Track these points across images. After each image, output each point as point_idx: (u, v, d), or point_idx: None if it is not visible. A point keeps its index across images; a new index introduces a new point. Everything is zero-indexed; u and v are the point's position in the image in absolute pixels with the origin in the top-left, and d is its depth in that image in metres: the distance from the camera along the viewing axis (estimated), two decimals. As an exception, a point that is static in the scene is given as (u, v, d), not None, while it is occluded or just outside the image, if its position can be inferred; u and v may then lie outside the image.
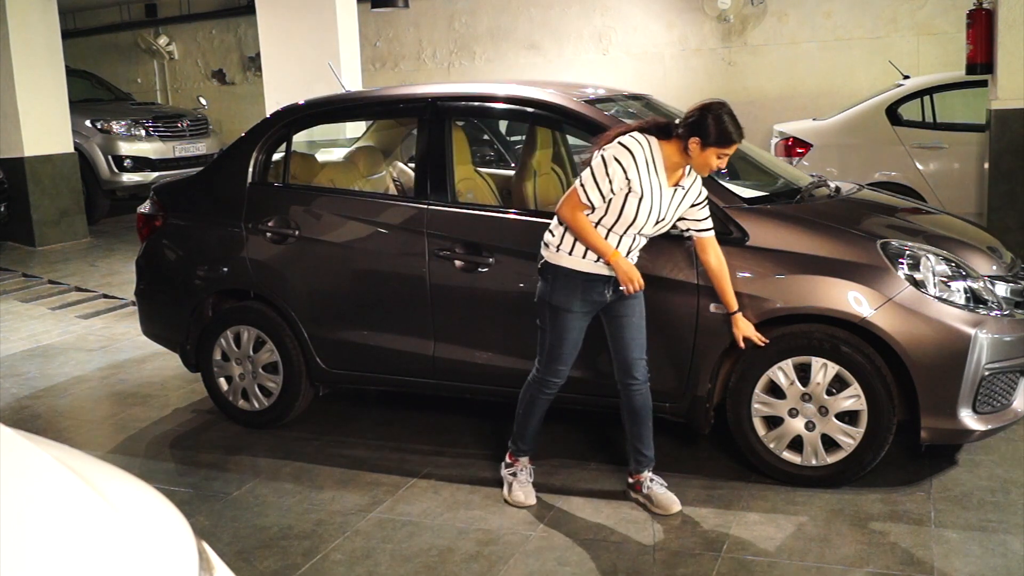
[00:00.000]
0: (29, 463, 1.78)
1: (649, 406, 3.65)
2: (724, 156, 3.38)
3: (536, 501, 3.74)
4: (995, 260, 3.94)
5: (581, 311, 3.53)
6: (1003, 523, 3.45)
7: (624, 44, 12.54)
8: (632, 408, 3.64)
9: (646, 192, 3.38)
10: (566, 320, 3.54)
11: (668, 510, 3.61)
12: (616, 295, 3.53)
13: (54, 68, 10.34)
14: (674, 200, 3.47)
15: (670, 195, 3.45)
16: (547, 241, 3.57)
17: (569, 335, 3.56)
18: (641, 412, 3.64)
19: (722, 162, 3.39)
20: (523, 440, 3.78)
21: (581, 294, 3.50)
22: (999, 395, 3.70)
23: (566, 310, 3.52)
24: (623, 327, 3.58)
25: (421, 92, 4.60)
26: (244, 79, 15.47)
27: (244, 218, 4.64)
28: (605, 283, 3.50)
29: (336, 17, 8.85)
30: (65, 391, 5.56)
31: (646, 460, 3.70)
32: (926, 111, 8.00)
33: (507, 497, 3.76)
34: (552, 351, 3.60)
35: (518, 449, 3.81)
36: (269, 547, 3.52)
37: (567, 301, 3.51)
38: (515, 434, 3.80)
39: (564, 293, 3.51)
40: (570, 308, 3.52)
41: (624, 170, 3.35)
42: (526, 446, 3.79)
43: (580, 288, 3.49)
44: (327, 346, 4.51)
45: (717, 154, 3.36)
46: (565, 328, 3.55)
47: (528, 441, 3.79)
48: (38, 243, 10.25)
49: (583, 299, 3.51)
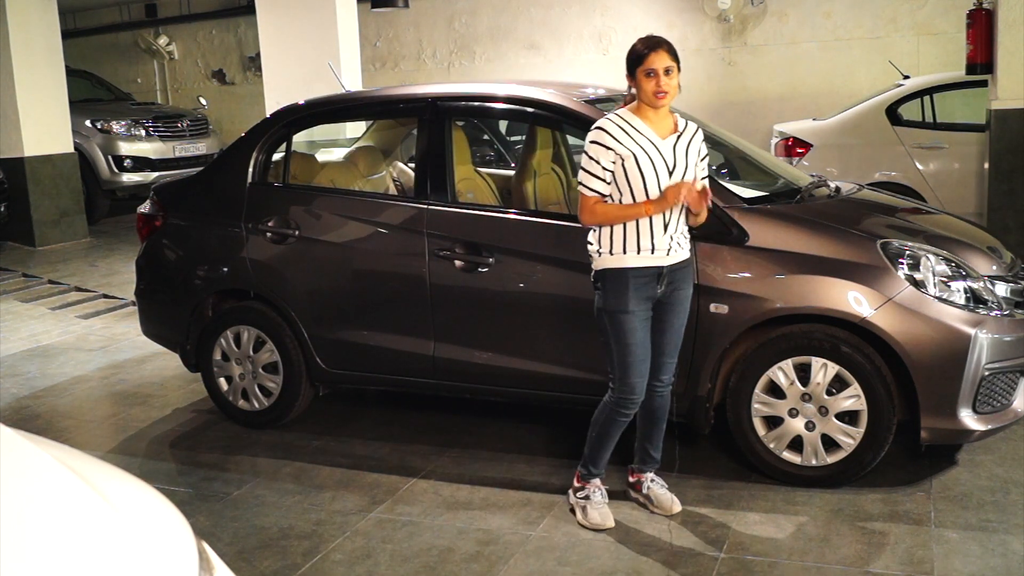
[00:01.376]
0: (29, 463, 1.78)
1: (667, 409, 3.60)
2: (653, 72, 3.30)
3: (614, 523, 3.54)
4: (995, 260, 3.94)
5: (637, 310, 3.38)
6: (1003, 523, 3.45)
7: (624, 44, 12.38)
8: (650, 408, 3.59)
9: (637, 151, 3.32)
10: (625, 323, 3.38)
11: (669, 510, 3.61)
12: (667, 290, 3.42)
13: (54, 68, 10.34)
14: (678, 147, 3.38)
15: (670, 144, 3.37)
16: (589, 252, 3.48)
17: (633, 339, 3.39)
18: (657, 413, 3.60)
19: (655, 80, 3.30)
20: (595, 465, 3.62)
21: (633, 291, 3.37)
22: (999, 395, 3.70)
23: (622, 311, 3.38)
24: (663, 329, 3.47)
25: (421, 92, 4.60)
26: (244, 79, 15.47)
27: (244, 218, 4.64)
28: (654, 276, 3.38)
29: (336, 17, 8.85)
30: (65, 391, 5.56)
31: (651, 461, 3.69)
32: (926, 111, 8.00)
33: (582, 521, 3.56)
34: (621, 363, 3.43)
35: (589, 473, 3.64)
36: (269, 547, 3.52)
37: (620, 302, 3.38)
38: (586, 457, 3.63)
39: (615, 294, 3.40)
40: (625, 308, 3.37)
41: (603, 146, 3.34)
42: (597, 469, 3.64)
43: (630, 285, 3.37)
44: (327, 346, 4.51)
45: (645, 74, 3.32)
46: (626, 332, 3.39)
47: (600, 466, 3.63)
48: (38, 243, 10.26)
49: (636, 296, 3.37)
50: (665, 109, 3.40)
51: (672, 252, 3.39)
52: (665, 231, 3.37)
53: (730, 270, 3.73)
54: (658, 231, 3.36)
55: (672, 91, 3.33)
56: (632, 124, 3.37)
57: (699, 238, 3.76)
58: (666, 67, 3.30)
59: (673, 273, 3.42)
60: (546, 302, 4.05)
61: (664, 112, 3.41)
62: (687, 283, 3.49)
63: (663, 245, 3.37)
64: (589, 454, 3.61)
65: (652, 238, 3.35)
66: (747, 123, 11.39)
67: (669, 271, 3.41)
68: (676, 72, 3.34)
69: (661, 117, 3.41)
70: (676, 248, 3.41)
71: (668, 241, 3.38)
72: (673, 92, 3.34)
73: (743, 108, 11.95)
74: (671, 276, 3.42)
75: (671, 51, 3.35)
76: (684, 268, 3.47)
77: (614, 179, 3.36)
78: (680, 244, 3.43)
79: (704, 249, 3.76)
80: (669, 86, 3.31)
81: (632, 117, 3.40)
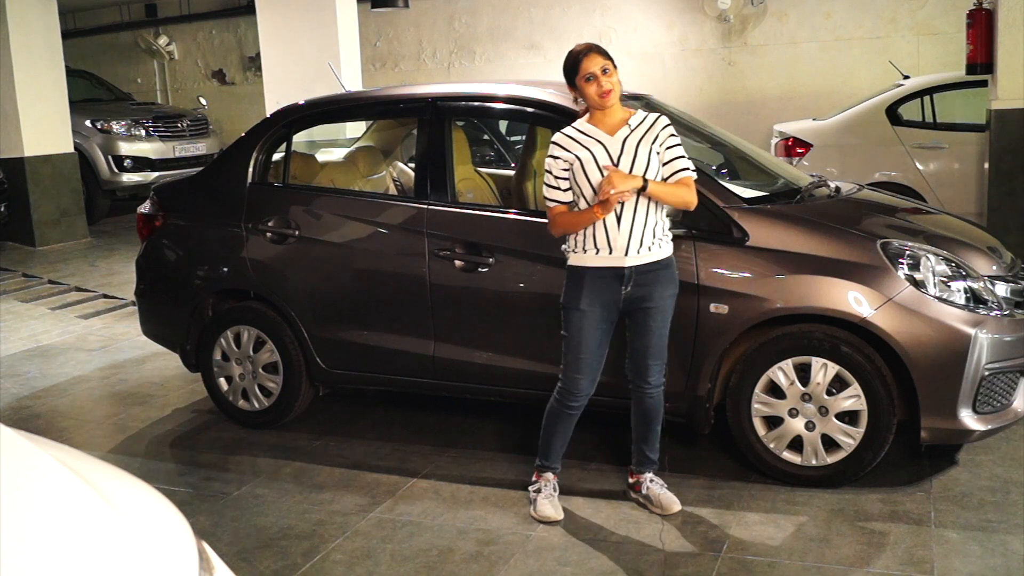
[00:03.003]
0: (29, 463, 1.78)
1: (660, 410, 3.61)
2: (592, 77, 3.35)
3: (563, 515, 3.61)
4: (995, 260, 3.94)
5: (589, 310, 3.42)
6: (1003, 523, 3.45)
7: (624, 44, 12.54)
8: (642, 410, 3.61)
9: (583, 155, 3.38)
10: (574, 320, 3.45)
11: (668, 510, 3.61)
12: (636, 293, 3.42)
13: (54, 68, 10.34)
14: (628, 140, 3.39)
15: (619, 140, 3.39)
16: (562, 250, 3.56)
17: (581, 338, 3.44)
18: (650, 415, 3.61)
19: (596, 84, 3.34)
20: (546, 457, 3.67)
21: (587, 291, 3.41)
22: (999, 395, 3.70)
23: (574, 309, 3.45)
24: (641, 333, 3.49)
25: (421, 92, 4.60)
26: (244, 79, 15.47)
27: (244, 218, 4.64)
28: (614, 277, 3.40)
29: (336, 17, 8.85)
30: (65, 391, 5.56)
31: (649, 462, 3.69)
32: (926, 111, 8.00)
33: (533, 514, 3.63)
34: (568, 358, 3.50)
35: (541, 465, 3.70)
36: (269, 547, 3.52)
37: (573, 299, 3.45)
38: (539, 449, 3.70)
39: (571, 291, 3.47)
40: (576, 306, 3.44)
41: (554, 156, 3.43)
42: (548, 462, 3.68)
43: (585, 284, 3.42)
44: (327, 346, 4.51)
45: (584, 80, 3.37)
46: (576, 330, 3.45)
47: (552, 458, 3.67)
48: (38, 243, 10.26)
49: (590, 296, 3.41)
50: (615, 107, 3.45)
51: (636, 252, 3.38)
52: (620, 228, 3.37)
53: (730, 270, 3.73)
54: (612, 229, 3.37)
55: (615, 88, 3.38)
56: (581, 130, 3.45)
57: (699, 238, 3.77)
58: (602, 67, 3.36)
59: (642, 275, 3.41)
60: (546, 302, 4.04)
61: (614, 110, 3.45)
62: (664, 285, 3.46)
63: (620, 243, 3.37)
64: (541, 446, 3.69)
65: (607, 236, 3.38)
66: (747, 123, 11.39)
67: (636, 272, 3.40)
68: (614, 70, 3.39)
69: (611, 115, 3.45)
70: (643, 248, 3.39)
71: (627, 239, 3.37)
72: (616, 89, 3.39)
73: (743, 108, 11.94)
74: (638, 278, 3.41)
75: (601, 52, 3.41)
76: (658, 270, 3.44)
77: (574, 185, 3.41)
78: (650, 245, 3.41)
79: (704, 249, 3.76)
80: (610, 83, 3.36)
81: (583, 124, 3.48)
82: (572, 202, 3.45)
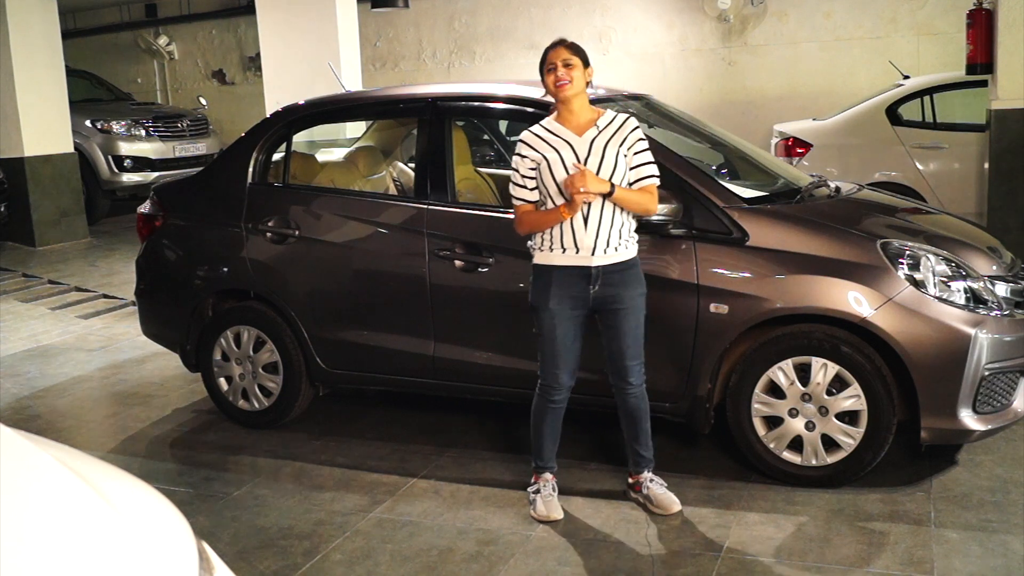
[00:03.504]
0: (29, 463, 1.78)
1: (645, 408, 3.61)
2: (552, 67, 3.41)
3: (563, 515, 3.62)
4: (995, 260, 3.93)
5: (558, 308, 3.45)
6: (1003, 523, 3.45)
7: (624, 44, 12.54)
8: (627, 411, 3.62)
9: (550, 154, 3.41)
10: (544, 319, 3.49)
11: (668, 510, 3.61)
12: (604, 293, 3.45)
13: (54, 68, 10.34)
14: (596, 141, 3.41)
15: (587, 141, 3.41)
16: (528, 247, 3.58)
17: (553, 335, 3.48)
18: (636, 414, 3.61)
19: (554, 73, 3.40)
20: (540, 457, 3.69)
21: (555, 289, 3.44)
22: (999, 395, 3.70)
23: (542, 308, 3.48)
24: (615, 335, 3.51)
25: (421, 92, 4.60)
26: (244, 79, 15.47)
27: (244, 218, 4.64)
28: (581, 276, 3.43)
29: (336, 17, 8.85)
30: (65, 391, 5.56)
31: (644, 461, 3.69)
32: (926, 111, 8.00)
33: (533, 514, 3.64)
34: (543, 355, 3.56)
35: (536, 466, 3.72)
36: (269, 547, 3.52)
37: (541, 299, 3.49)
38: (533, 451, 3.72)
39: (539, 290, 3.50)
40: (545, 305, 3.47)
41: (521, 155, 3.47)
42: (543, 462, 3.70)
43: (552, 283, 3.45)
44: (327, 346, 4.51)
45: (546, 71, 3.44)
46: (547, 328, 3.49)
47: (545, 457, 3.69)
48: (38, 243, 10.25)
49: (558, 295, 3.44)
50: (582, 105, 3.47)
51: (603, 252, 3.41)
52: (587, 228, 3.39)
53: (730, 270, 3.73)
54: (579, 229, 3.40)
55: (574, 81, 3.40)
56: (549, 129, 3.48)
57: (699, 238, 3.77)
58: (564, 60, 3.40)
59: (609, 275, 3.44)
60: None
61: (581, 108, 3.47)
62: (631, 286, 3.48)
63: (587, 243, 3.40)
64: (533, 447, 3.71)
65: (574, 236, 3.40)
66: (747, 123, 11.39)
67: (602, 272, 3.43)
68: (579, 66, 3.41)
69: (578, 115, 3.46)
70: (609, 249, 3.42)
71: (594, 239, 3.40)
72: (576, 82, 3.41)
73: (743, 108, 11.94)
74: (606, 278, 3.44)
75: (571, 47, 3.44)
76: (624, 271, 3.46)
77: (541, 185, 3.43)
78: (616, 246, 3.43)
79: (704, 249, 3.76)
80: (569, 76, 3.39)
81: (551, 122, 3.50)
82: (539, 201, 3.47)
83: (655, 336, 3.80)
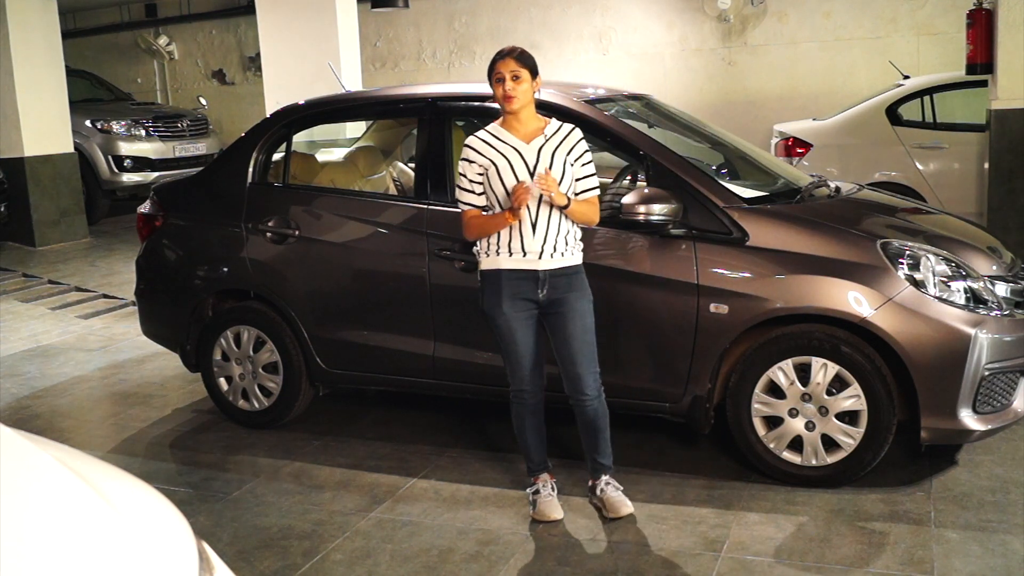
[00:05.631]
0: (29, 463, 1.78)
1: (604, 415, 3.57)
2: (500, 79, 3.40)
3: (563, 515, 3.62)
4: (995, 260, 3.94)
5: (512, 311, 3.46)
6: (1003, 523, 3.45)
7: (624, 44, 12.54)
8: (585, 422, 3.58)
9: (498, 160, 3.42)
10: (501, 324, 3.48)
11: (617, 513, 3.58)
12: (551, 297, 3.45)
13: (54, 68, 10.34)
14: (544, 149, 3.43)
15: (535, 149, 3.43)
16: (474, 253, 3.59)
17: (512, 338, 3.48)
18: (595, 424, 3.58)
19: (502, 86, 3.40)
20: (531, 460, 3.70)
21: (506, 292, 3.45)
22: (999, 395, 3.70)
23: (497, 313, 3.48)
24: (564, 340, 3.49)
25: (421, 92, 4.60)
26: (244, 79, 15.47)
27: (244, 218, 4.64)
28: (529, 279, 3.44)
29: (336, 17, 8.84)
30: (65, 391, 5.56)
31: (601, 468, 3.67)
32: (926, 111, 8.00)
33: (533, 514, 3.64)
34: (507, 359, 3.56)
35: (529, 469, 3.73)
36: (269, 547, 3.52)
37: (494, 303, 3.48)
38: (523, 455, 3.73)
39: (490, 295, 3.49)
40: (500, 310, 3.47)
41: (467, 160, 3.47)
42: (535, 465, 3.70)
43: (503, 286, 3.45)
44: (327, 346, 4.51)
45: (495, 80, 3.43)
46: (504, 332, 3.49)
47: (536, 460, 3.69)
48: (38, 243, 10.26)
49: (509, 297, 3.45)
50: (529, 114, 3.49)
51: (549, 256, 3.43)
52: (535, 233, 3.42)
53: (730, 270, 3.73)
54: (527, 233, 3.42)
55: (519, 96, 3.41)
56: (495, 135, 3.49)
57: (699, 238, 3.77)
58: (512, 72, 3.40)
59: (555, 279, 3.45)
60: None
61: (528, 117, 3.48)
62: (577, 291, 3.49)
63: (534, 248, 3.42)
64: (521, 451, 3.72)
65: (522, 240, 3.42)
66: (747, 123, 11.39)
67: (549, 276, 3.44)
68: (527, 79, 3.42)
69: (524, 123, 3.48)
70: (556, 254, 3.44)
71: (541, 244, 3.42)
72: (521, 97, 3.41)
73: (743, 108, 11.94)
74: (553, 282, 3.45)
75: (521, 59, 3.43)
76: (570, 275, 3.48)
77: (488, 190, 3.45)
78: (563, 251, 3.45)
79: (704, 249, 3.76)
80: (516, 91, 3.40)
81: (497, 129, 3.51)
82: (486, 206, 3.48)
83: (655, 336, 3.80)
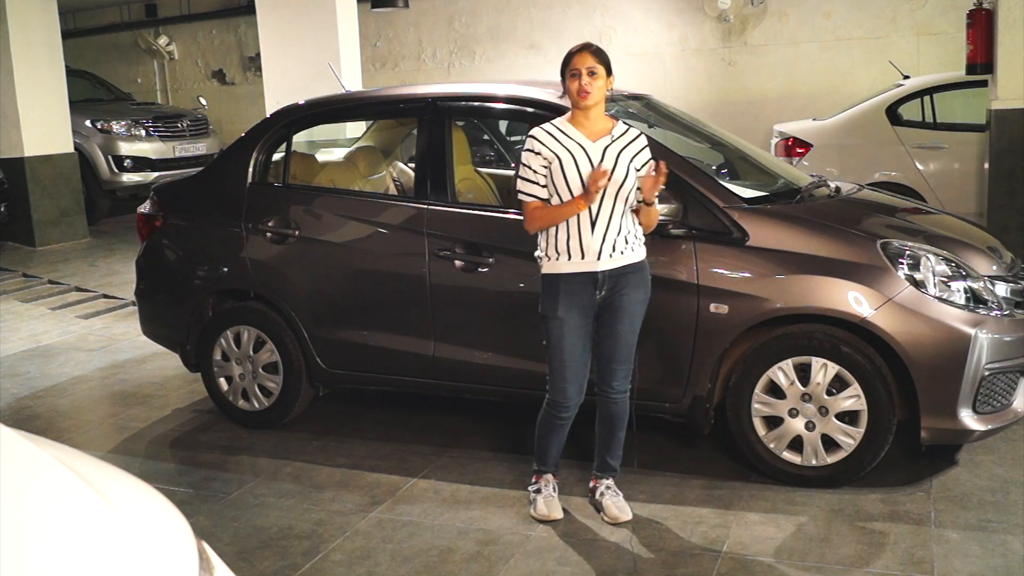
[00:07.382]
0: (29, 463, 1.78)
1: (624, 416, 3.57)
2: (576, 73, 3.36)
3: (563, 515, 3.63)
4: (995, 260, 3.94)
5: (567, 317, 3.41)
6: (1003, 523, 3.45)
7: (624, 44, 12.53)
8: (606, 415, 3.58)
9: (563, 154, 3.37)
10: (554, 329, 3.43)
11: (616, 519, 3.57)
12: (609, 296, 3.43)
13: (54, 68, 10.34)
14: (609, 150, 3.40)
15: (601, 147, 3.40)
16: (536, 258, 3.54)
17: (562, 345, 3.43)
18: (613, 420, 3.57)
19: (578, 80, 3.35)
20: (542, 462, 3.69)
21: (563, 297, 3.40)
22: (999, 395, 3.70)
23: (551, 317, 3.44)
24: (608, 335, 3.48)
25: (421, 92, 4.60)
26: (244, 79, 15.47)
27: (244, 218, 4.64)
28: (589, 282, 3.40)
29: (336, 17, 8.85)
30: (65, 391, 5.56)
31: (608, 470, 3.67)
32: (926, 111, 8.00)
33: (533, 514, 3.64)
34: (553, 367, 3.49)
35: (538, 469, 3.72)
36: (269, 547, 3.52)
37: (550, 308, 3.44)
38: (535, 454, 3.71)
39: (548, 300, 3.46)
40: (554, 314, 3.42)
41: (533, 152, 3.41)
42: (546, 466, 3.70)
43: (561, 291, 3.41)
44: (327, 346, 4.51)
45: (570, 75, 3.38)
46: (556, 338, 3.44)
47: (548, 462, 3.68)
48: (38, 243, 10.26)
49: (567, 304, 3.40)
50: (598, 113, 3.45)
51: (608, 256, 3.39)
52: (594, 231, 3.37)
53: (730, 270, 3.73)
54: (586, 233, 3.37)
55: (594, 92, 3.37)
56: (562, 130, 3.44)
57: (699, 238, 3.77)
58: (589, 68, 3.36)
59: (616, 279, 3.42)
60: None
61: (597, 116, 3.45)
62: (636, 289, 3.46)
63: (594, 247, 3.37)
64: (536, 452, 3.69)
65: (580, 238, 3.38)
66: (747, 123, 11.39)
67: (609, 276, 3.41)
68: (603, 75, 3.38)
69: (593, 121, 3.44)
70: (615, 253, 3.40)
71: (600, 243, 3.37)
72: (596, 93, 3.37)
73: (743, 108, 11.94)
74: (613, 281, 3.42)
75: (597, 55, 3.39)
76: (631, 273, 3.44)
77: (551, 183, 3.40)
78: (622, 249, 3.42)
79: (704, 249, 3.76)
80: (592, 87, 3.35)
81: (564, 124, 3.46)
82: (546, 199, 3.43)
83: (655, 336, 3.80)
